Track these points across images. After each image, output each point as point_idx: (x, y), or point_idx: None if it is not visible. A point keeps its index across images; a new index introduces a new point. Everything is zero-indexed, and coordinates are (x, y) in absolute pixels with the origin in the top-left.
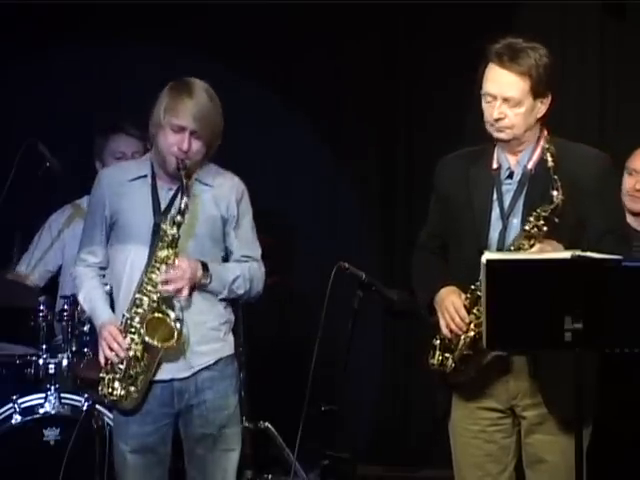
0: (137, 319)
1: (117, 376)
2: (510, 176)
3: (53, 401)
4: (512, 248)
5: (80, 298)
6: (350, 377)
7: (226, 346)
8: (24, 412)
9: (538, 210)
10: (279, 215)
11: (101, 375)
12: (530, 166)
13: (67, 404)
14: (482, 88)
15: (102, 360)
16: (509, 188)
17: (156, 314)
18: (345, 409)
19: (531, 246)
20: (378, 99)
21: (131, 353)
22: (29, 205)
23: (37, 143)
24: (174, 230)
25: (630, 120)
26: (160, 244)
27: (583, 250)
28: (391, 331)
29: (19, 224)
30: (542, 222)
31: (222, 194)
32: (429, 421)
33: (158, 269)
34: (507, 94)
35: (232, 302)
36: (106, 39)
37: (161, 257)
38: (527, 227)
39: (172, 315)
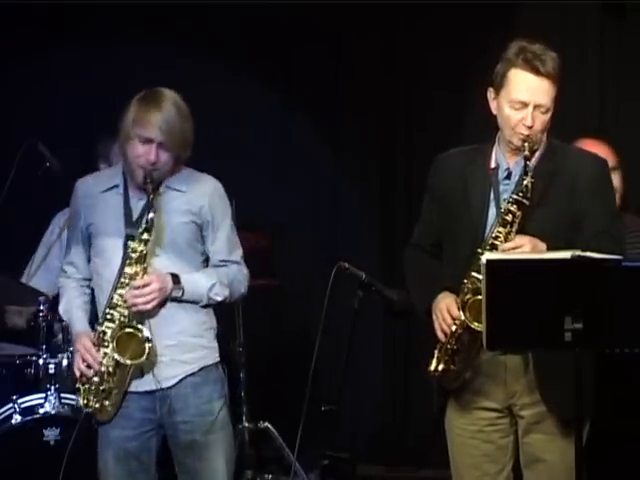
0: (109, 333)
1: (90, 389)
2: (508, 177)
3: (53, 401)
4: (491, 237)
5: (60, 309)
6: (350, 377)
7: (210, 354)
8: (24, 412)
9: (512, 195)
10: (279, 215)
11: (77, 386)
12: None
13: (67, 404)
14: (508, 96)
15: (77, 372)
16: (506, 189)
17: (127, 330)
18: (345, 409)
19: (507, 234)
20: (378, 99)
21: (103, 368)
22: (29, 205)
23: (37, 143)
24: (141, 247)
25: (630, 120)
26: (128, 261)
27: (582, 250)
28: (391, 331)
29: (19, 224)
30: (515, 206)
31: (194, 199)
32: (429, 421)
33: (127, 285)
34: (541, 101)
35: (219, 306)
36: (106, 39)
37: (130, 273)
38: (502, 212)
39: (142, 334)
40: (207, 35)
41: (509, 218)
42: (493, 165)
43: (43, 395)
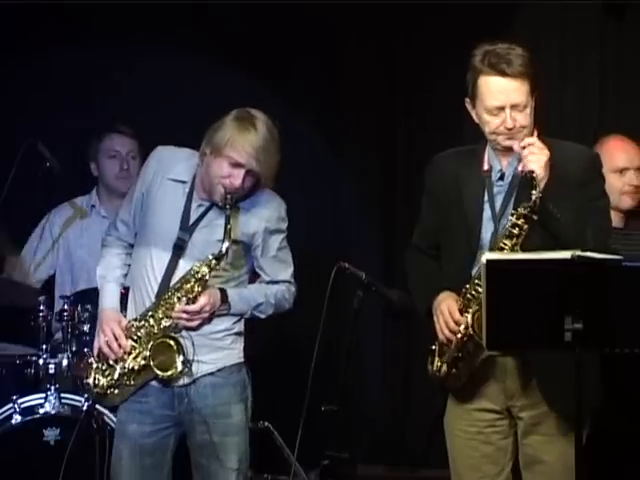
0: (143, 332)
1: (105, 371)
2: (501, 178)
3: (53, 401)
4: (497, 247)
5: (98, 269)
6: (350, 377)
7: (232, 355)
8: (24, 412)
9: (518, 209)
10: None
11: (90, 361)
12: (521, 167)
13: (67, 404)
14: (483, 104)
15: (96, 349)
16: (500, 190)
17: (167, 340)
18: (345, 409)
19: (513, 246)
20: (378, 99)
21: (129, 364)
22: (29, 205)
23: (37, 143)
24: (206, 271)
25: (630, 120)
26: (189, 277)
27: (583, 250)
28: (391, 331)
29: (19, 224)
30: (522, 220)
31: (253, 222)
32: (429, 421)
33: (179, 299)
34: (515, 100)
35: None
36: (106, 39)
37: (186, 288)
38: (509, 226)
39: (181, 351)
40: (207, 35)
41: (516, 231)
42: (486, 167)
43: (43, 395)
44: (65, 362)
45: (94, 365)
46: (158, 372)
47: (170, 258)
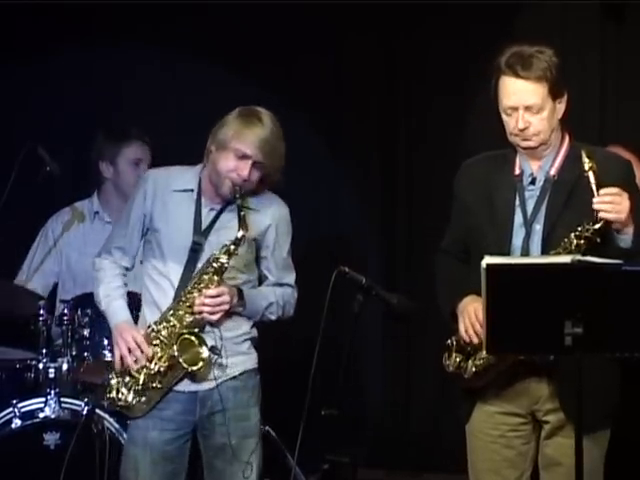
0: (165, 333)
1: (128, 383)
2: (533, 182)
3: (53, 405)
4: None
5: (99, 292)
6: (351, 381)
7: (250, 359)
8: (24, 416)
9: (580, 229)
10: None
11: (110, 377)
12: (553, 172)
13: (67, 408)
14: (500, 104)
15: (117, 363)
16: (532, 194)
17: (190, 336)
18: (345, 413)
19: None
20: (378, 100)
21: (156, 367)
22: (29, 209)
23: (37, 147)
24: (225, 259)
25: (630, 121)
26: (207, 268)
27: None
28: (391, 335)
29: (19, 228)
30: (583, 241)
31: (264, 219)
32: (429, 425)
33: (199, 291)
34: (528, 102)
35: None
36: (106, 40)
37: (205, 280)
38: (563, 243)
39: (208, 344)
40: (207, 35)
41: (574, 249)
42: (517, 171)
43: (43, 399)
44: (65, 366)
45: (114, 380)
46: (186, 366)
47: (186, 263)
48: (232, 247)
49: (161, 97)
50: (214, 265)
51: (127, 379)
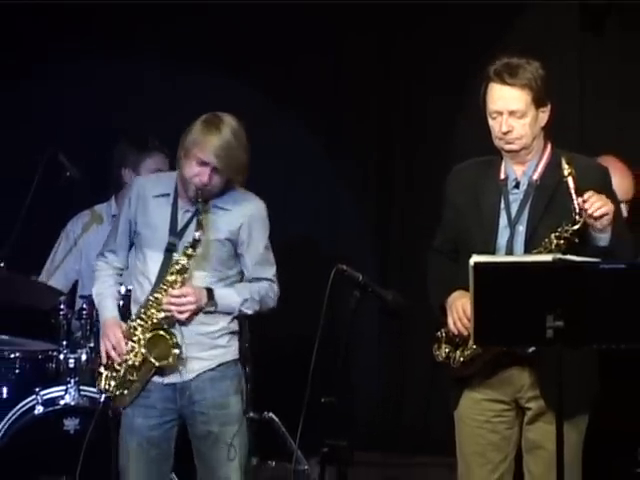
0: (139, 330)
1: (114, 376)
2: (517, 186)
3: (73, 393)
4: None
5: (94, 290)
6: (348, 371)
7: (228, 352)
8: (46, 403)
9: (560, 230)
10: (278, 217)
11: (100, 370)
12: (535, 177)
13: (86, 396)
14: (487, 108)
15: (104, 357)
16: (516, 198)
17: (159, 332)
18: (343, 401)
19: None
20: (377, 101)
21: (130, 362)
22: (51, 214)
23: (57, 153)
24: (184, 260)
25: (608, 134)
26: (170, 269)
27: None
28: (386, 329)
29: (42, 230)
30: (562, 241)
31: (235, 218)
32: (422, 411)
33: (165, 291)
34: (512, 107)
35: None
36: (118, 45)
37: (170, 281)
38: (544, 243)
39: (174, 340)
40: (207, 36)
41: (554, 249)
42: (502, 176)
43: (63, 387)
44: (84, 357)
45: (103, 373)
46: (155, 362)
47: (162, 263)
48: (190, 249)
49: (161, 97)
50: (176, 266)
51: (113, 372)
